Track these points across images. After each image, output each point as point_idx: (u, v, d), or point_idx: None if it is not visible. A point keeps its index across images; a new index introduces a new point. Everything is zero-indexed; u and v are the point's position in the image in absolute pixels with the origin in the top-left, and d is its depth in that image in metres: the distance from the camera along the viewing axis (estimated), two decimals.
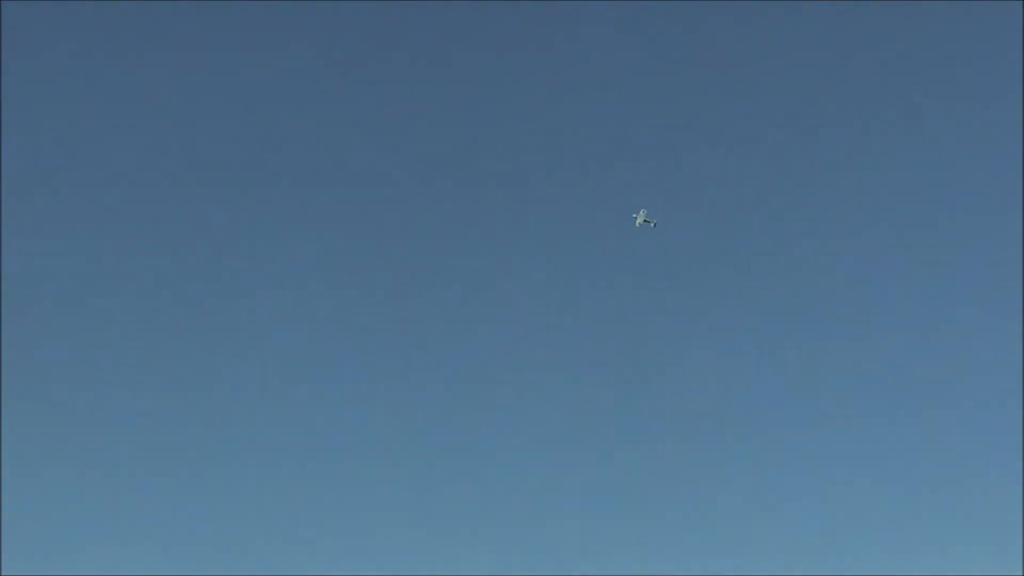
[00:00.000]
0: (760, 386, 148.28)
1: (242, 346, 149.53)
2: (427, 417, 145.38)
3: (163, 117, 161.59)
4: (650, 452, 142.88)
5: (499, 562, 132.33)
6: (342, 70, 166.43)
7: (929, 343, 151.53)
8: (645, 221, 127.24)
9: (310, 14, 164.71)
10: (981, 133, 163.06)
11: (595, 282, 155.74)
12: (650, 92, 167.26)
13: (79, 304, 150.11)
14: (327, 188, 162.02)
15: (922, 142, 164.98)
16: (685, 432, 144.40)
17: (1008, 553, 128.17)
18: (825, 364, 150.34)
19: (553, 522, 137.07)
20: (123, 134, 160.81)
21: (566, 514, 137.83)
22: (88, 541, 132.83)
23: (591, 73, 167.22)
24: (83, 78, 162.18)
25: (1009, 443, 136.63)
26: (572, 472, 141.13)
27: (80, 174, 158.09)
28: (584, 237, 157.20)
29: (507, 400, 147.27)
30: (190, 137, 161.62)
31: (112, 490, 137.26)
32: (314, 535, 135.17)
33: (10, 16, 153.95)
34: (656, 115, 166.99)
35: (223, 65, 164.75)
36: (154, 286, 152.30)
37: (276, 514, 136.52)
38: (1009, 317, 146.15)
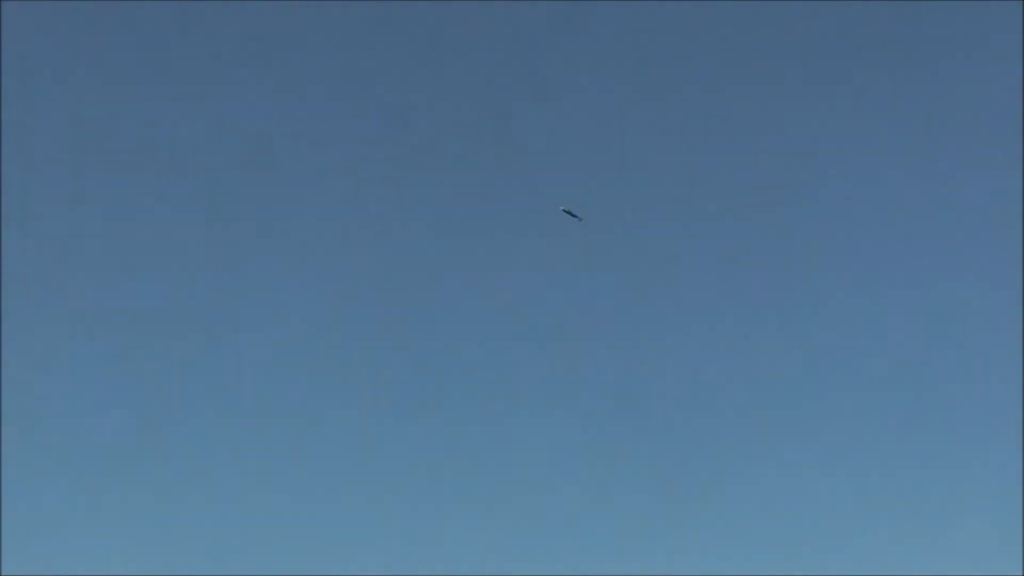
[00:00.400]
0: (759, 386, 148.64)
1: (243, 346, 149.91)
2: (427, 417, 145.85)
3: (163, 117, 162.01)
4: (650, 452, 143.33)
5: (499, 562, 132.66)
6: (341, 70, 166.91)
7: (929, 343, 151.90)
8: (571, 214, 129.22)
9: (310, 14, 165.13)
10: (981, 134, 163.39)
11: (596, 282, 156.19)
12: (651, 92, 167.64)
13: (79, 304, 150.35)
14: (325, 188, 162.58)
15: (922, 142, 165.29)
16: (685, 431, 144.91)
17: (1008, 553, 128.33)
18: (825, 364, 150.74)
19: (553, 522, 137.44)
20: (123, 134, 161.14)
21: (566, 514, 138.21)
22: (88, 541, 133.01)
23: (590, 73, 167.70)
24: (83, 79, 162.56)
25: (1009, 443, 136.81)
26: (572, 472, 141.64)
27: (80, 174, 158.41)
28: (581, 237, 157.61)
29: (507, 400, 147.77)
30: (190, 137, 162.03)
31: (112, 491, 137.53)
32: (314, 535, 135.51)
33: (10, 16, 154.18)
34: (659, 115, 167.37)
35: (223, 65, 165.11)
36: (154, 286, 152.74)
37: (276, 514, 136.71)
38: (1009, 317, 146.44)
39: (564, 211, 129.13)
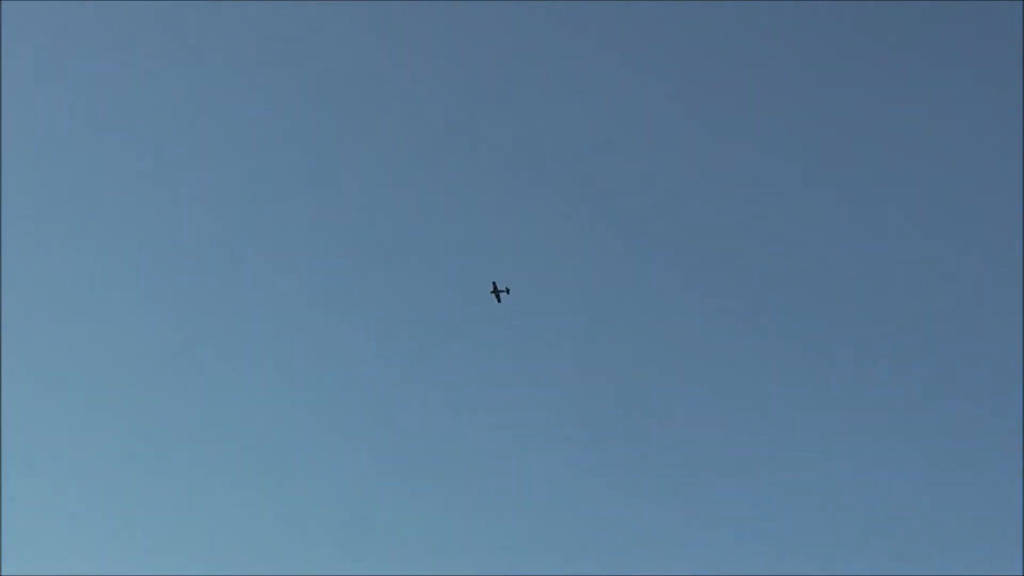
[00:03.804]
0: (759, 386, 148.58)
1: (244, 346, 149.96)
2: (426, 415, 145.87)
3: (163, 117, 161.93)
4: (650, 451, 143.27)
5: (499, 562, 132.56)
6: (341, 70, 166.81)
7: (929, 342, 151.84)
8: (503, 291, 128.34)
9: (310, 14, 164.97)
10: (981, 133, 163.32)
11: (595, 283, 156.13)
12: (651, 93, 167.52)
13: (79, 304, 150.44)
14: (326, 189, 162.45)
15: (922, 142, 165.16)
16: (684, 430, 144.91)
17: (1008, 553, 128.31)
18: (825, 364, 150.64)
19: (553, 522, 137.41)
20: (123, 134, 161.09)
21: (565, 514, 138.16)
22: (88, 541, 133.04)
23: (590, 74, 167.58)
24: (83, 78, 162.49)
25: (1009, 443, 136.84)
26: (571, 472, 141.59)
27: (80, 174, 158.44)
28: (584, 234, 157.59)
29: (506, 400, 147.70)
30: (190, 137, 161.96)
31: (112, 490, 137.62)
32: (314, 535, 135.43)
33: (10, 16, 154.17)
34: (658, 116, 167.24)
35: (223, 65, 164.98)
36: (154, 286, 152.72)
37: (276, 514, 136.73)
38: (1009, 317, 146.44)
39: (497, 291, 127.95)
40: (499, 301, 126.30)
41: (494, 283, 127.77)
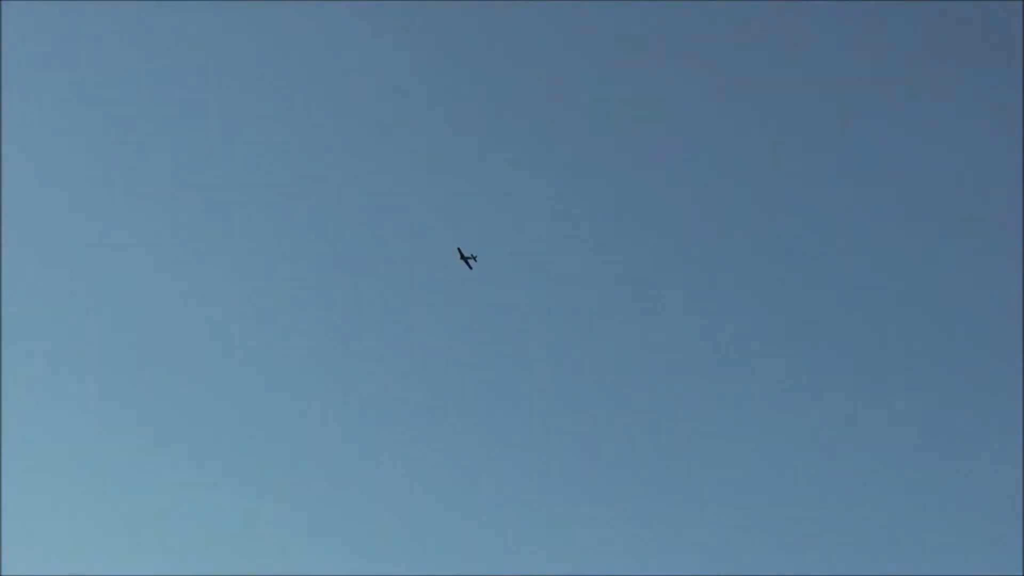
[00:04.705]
0: (759, 385, 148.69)
1: (244, 347, 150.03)
2: (425, 416, 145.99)
3: (163, 117, 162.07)
4: (650, 451, 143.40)
5: (498, 562, 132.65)
6: (341, 70, 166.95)
7: (930, 343, 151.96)
8: (470, 257, 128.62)
9: (310, 14, 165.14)
10: (981, 133, 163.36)
11: (593, 283, 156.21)
12: (652, 93, 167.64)
13: (79, 304, 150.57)
14: (325, 190, 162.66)
15: (922, 142, 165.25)
16: (684, 430, 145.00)
17: (1008, 553, 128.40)
18: (825, 364, 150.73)
19: (552, 522, 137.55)
20: (123, 134, 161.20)
21: (565, 514, 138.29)
22: (88, 541, 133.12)
23: (589, 73, 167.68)
24: (83, 78, 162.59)
25: (1009, 443, 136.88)
26: (571, 472, 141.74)
27: (80, 174, 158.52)
28: (580, 237, 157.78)
29: (505, 399, 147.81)
30: (190, 137, 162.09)
31: (111, 490, 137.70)
32: (314, 535, 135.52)
33: (10, 16, 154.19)
34: (658, 116, 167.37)
35: (223, 65, 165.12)
36: (153, 287, 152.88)
37: (276, 514, 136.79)
38: (1009, 316, 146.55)
39: (464, 256, 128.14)
40: (470, 268, 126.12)
41: (459, 249, 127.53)
